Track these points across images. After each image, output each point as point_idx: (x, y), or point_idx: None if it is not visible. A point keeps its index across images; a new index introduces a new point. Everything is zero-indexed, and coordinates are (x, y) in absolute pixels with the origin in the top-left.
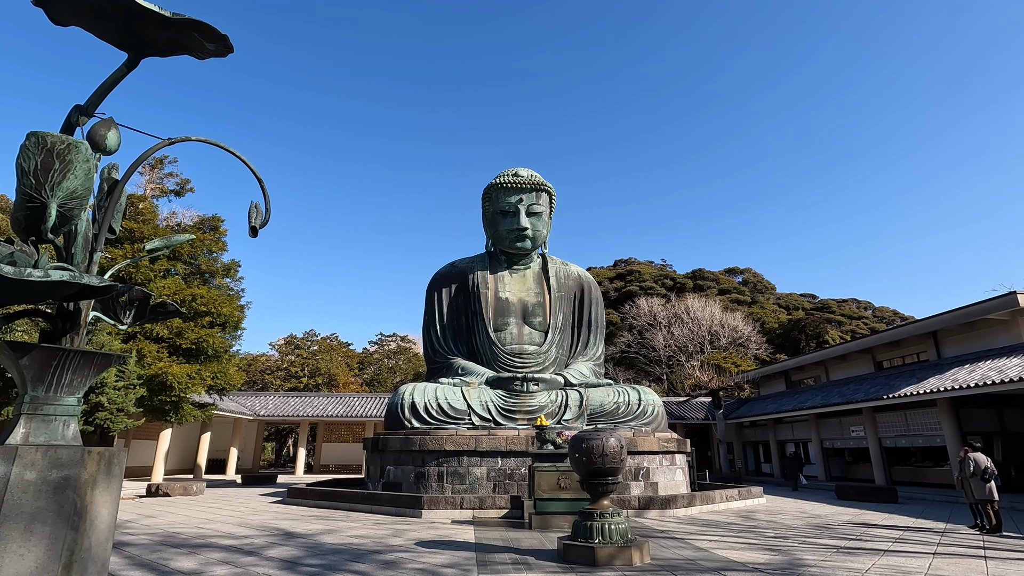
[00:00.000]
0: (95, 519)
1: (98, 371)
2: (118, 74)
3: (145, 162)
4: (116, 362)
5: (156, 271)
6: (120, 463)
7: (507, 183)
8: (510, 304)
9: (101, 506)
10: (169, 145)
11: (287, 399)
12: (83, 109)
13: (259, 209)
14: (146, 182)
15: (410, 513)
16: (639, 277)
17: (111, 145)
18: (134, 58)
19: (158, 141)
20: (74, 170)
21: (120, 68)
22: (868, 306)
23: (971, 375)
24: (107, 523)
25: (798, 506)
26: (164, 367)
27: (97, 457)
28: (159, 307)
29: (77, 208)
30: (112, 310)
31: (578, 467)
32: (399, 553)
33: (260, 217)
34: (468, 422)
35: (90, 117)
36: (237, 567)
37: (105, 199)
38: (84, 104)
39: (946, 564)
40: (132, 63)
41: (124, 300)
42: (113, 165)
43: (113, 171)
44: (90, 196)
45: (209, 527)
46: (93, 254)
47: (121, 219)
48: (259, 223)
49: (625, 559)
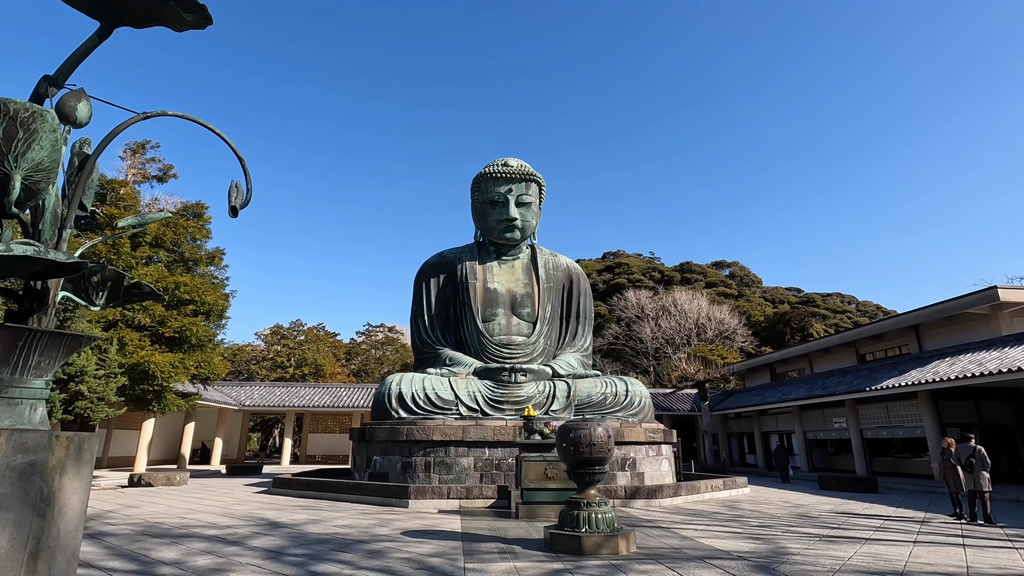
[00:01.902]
0: (64, 506)
1: (67, 353)
2: (89, 43)
3: (127, 147)
4: (86, 343)
5: (138, 258)
6: (91, 448)
7: (496, 173)
8: (498, 295)
9: (70, 493)
10: (144, 119)
11: (273, 389)
12: (52, 80)
13: (240, 189)
14: (127, 167)
15: (397, 503)
16: (627, 270)
17: (81, 117)
18: (106, 27)
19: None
20: (40, 140)
21: (91, 37)
22: (852, 300)
23: (951, 368)
24: (77, 511)
25: (782, 496)
26: (146, 356)
27: (66, 442)
28: (134, 288)
29: (44, 181)
30: (84, 290)
31: (565, 457)
32: (385, 543)
33: (241, 197)
34: (456, 412)
35: (60, 88)
36: (220, 557)
37: (76, 175)
38: (53, 75)
39: (926, 552)
40: (104, 32)
41: (97, 280)
42: (85, 139)
43: (85, 145)
44: (58, 169)
45: (192, 517)
46: (62, 231)
47: (93, 196)
48: (239, 203)
49: (611, 548)
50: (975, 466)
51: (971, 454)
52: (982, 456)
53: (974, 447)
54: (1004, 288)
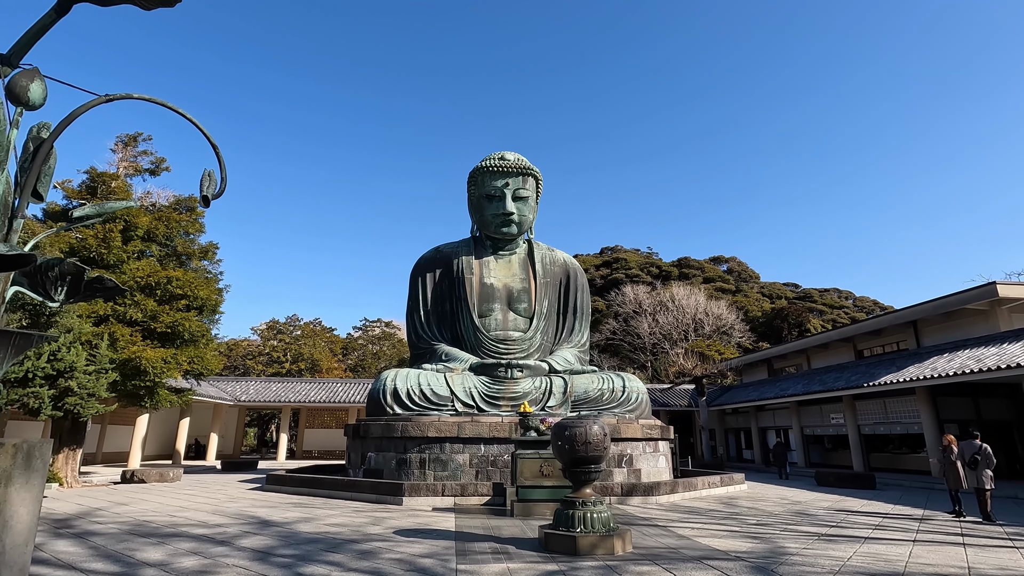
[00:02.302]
0: (10, 519)
1: (17, 352)
2: (46, 20)
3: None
4: (39, 342)
5: (130, 252)
6: (43, 456)
7: (493, 167)
8: (495, 290)
9: (18, 504)
10: (107, 102)
11: (268, 384)
12: (5, 59)
13: (213, 178)
14: (119, 160)
15: (391, 500)
16: (625, 265)
17: (34, 98)
18: (65, 2)
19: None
20: None
21: (48, 13)
22: (849, 295)
23: (950, 364)
24: (26, 523)
25: (779, 493)
26: (138, 351)
27: (12, 450)
28: (95, 282)
29: None
30: (41, 285)
31: (560, 455)
32: (376, 542)
33: (214, 187)
34: (451, 408)
35: (14, 68)
36: (206, 558)
37: (30, 161)
38: (7, 53)
39: (926, 552)
40: (63, 8)
41: (55, 274)
42: (44, 124)
43: (43, 130)
44: (6, 154)
45: (182, 515)
46: (13, 220)
47: (51, 183)
48: (211, 193)
49: (607, 548)
50: (979, 464)
51: (976, 451)
52: (987, 454)
53: (979, 444)
54: (1003, 284)
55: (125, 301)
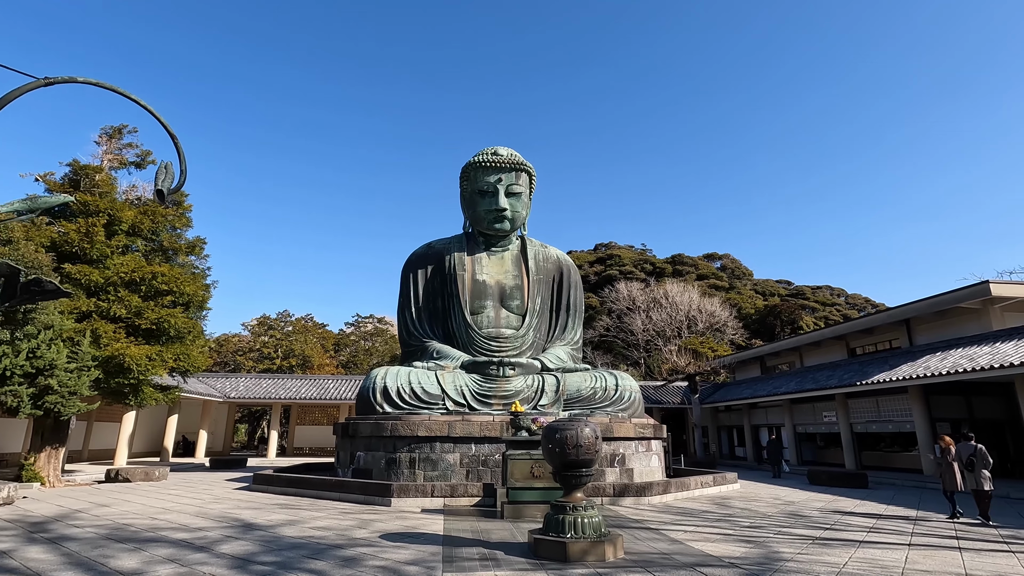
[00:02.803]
0: None
1: None
2: None
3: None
4: None
5: (114, 247)
6: None
7: (486, 162)
8: (487, 287)
9: None
10: (47, 85)
11: (259, 381)
12: None
13: (169, 170)
14: (103, 153)
15: (379, 501)
16: (619, 261)
17: None
18: None
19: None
20: None
21: None
22: (841, 293)
23: (942, 363)
24: None
25: (772, 492)
26: (121, 348)
27: None
28: (33, 284)
29: None
30: None
31: (551, 458)
32: (362, 548)
33: (171, 180)
34: (442, 407)
35: None
36: (183, 566)
37: None
38: None
39: (922, 557)
40: None
41: None
42: None
43: None
44: None
45: (164, 518)
46: None
47: None
48: (167, 186)
49: (598, 555)
50: (976, 465)
51: (972, 453)
52: (983, 455)
53: (975, 446)
54: (996, 283)
55: (109, 297)
